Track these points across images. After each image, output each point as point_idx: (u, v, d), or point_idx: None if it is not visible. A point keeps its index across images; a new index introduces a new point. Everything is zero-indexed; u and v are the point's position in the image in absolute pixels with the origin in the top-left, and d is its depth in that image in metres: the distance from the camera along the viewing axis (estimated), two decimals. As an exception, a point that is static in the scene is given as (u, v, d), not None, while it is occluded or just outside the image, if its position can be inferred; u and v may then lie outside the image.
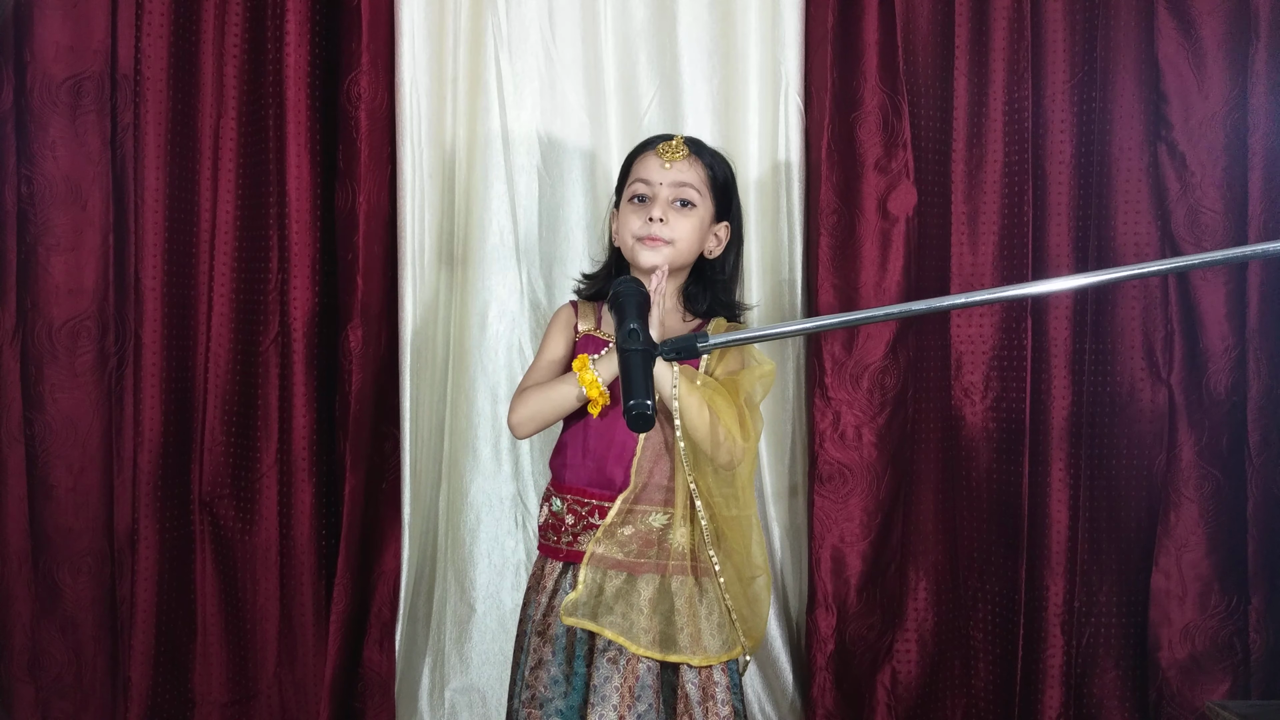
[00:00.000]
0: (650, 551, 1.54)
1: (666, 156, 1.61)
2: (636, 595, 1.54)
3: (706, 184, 1.62)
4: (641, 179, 1.61)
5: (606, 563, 1.55)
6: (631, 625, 1.52)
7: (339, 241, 1.93)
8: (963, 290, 1.94)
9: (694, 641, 1.53)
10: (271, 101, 1.91)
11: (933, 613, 1.99)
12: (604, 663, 1.54)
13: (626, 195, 1.63)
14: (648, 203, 1.60)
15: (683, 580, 1.55)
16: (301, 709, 1.95)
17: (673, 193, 1.60)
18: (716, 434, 1.52)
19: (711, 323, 1.64)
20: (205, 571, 1.98)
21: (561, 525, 1.59)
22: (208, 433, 1.95)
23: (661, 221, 1.57)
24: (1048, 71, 1.91)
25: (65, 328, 1.87)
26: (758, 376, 1.58)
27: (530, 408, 1.58)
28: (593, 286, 1.71)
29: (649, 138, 1.68)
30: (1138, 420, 1.89)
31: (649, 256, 1.58)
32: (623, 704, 1.52)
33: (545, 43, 2.06)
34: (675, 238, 1.59)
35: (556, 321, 1.69)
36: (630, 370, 1.27)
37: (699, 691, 1.54)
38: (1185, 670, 1.86)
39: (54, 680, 1.91)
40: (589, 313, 1.67)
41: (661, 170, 1.60)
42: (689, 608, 1.54)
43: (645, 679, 1.53)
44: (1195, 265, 1.33)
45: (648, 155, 1.63)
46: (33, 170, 1.85)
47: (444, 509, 2.09)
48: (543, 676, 1.57)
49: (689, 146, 1.62)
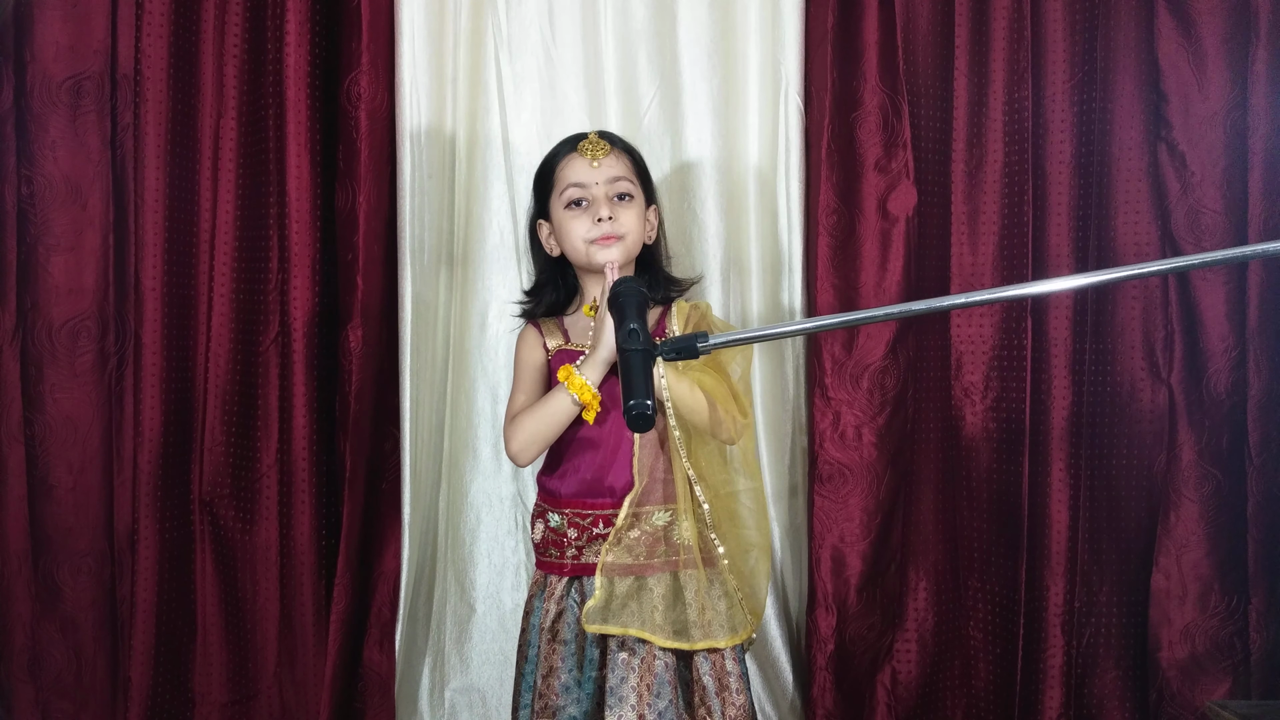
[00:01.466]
0: (659, 550, 1.55)
1: (591, 155, 1.60)
2: (649, 593, 1.55)
3: (634, 173, 1.64)
4: (574, 183, 1.61)
5: (618, 570, 1.55)
6: (650, 620, 1.54)
7: (339, 241, 1.93)
8: (963, 290, 1.94)
9: (706, 629, 1.54)
10: (271, 101, 1.91)
11: (933, 613, 1.99)
12: (619, 664, 1.54)
13: (561, 203, 1.62)
14: (588, 205, 1.60)
15: (691, 573, 1.56)
16: (301, 709, 1.95)
17: (610, 189, 1.60)
18: (716, 413, 1.52)
19: (674, 306, 1.65)
20: (205, 571, 1.98)
21: (564, 540, 1.59)
22: (208, 433, 1.95)
23: (610, 219, 1.58)
24: (1048, 71, 1.91)
25: (65, 328, 1.87)
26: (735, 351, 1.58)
27: (527, 431, 1.58)
28: (544, 305, 1.70)
29: (562, 141, 1.67)
30: (1138, 420, 1.88)
31: (605, 253, 1.58)
32: (641, 703, 1.52)
33: (545, 43, 2.06)
34: (625, 231, 1.59)
35: (524, 346, 1.69)
36: (630, 370, 1.26)
37: (715, 683, 1.55)
38: (1185, 670, 1.86)
39: (54, 680, 1.91)
40: (554, 329, 1.67)
41: (591, 170, 1.60)
42: (698, 598, 1.56)
43: (662, 675, 1.54)
44: (1195, 265, 1.32)
45: (571, 158, 1.62)
46: (33, 170, 1.85)
47: (444, 509, 2.09)
48: (554, 684, 1.57)
49: (609, 140, 1.63)
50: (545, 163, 1.67)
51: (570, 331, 1.67)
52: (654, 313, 1.66)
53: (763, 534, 1.65)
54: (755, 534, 1.63)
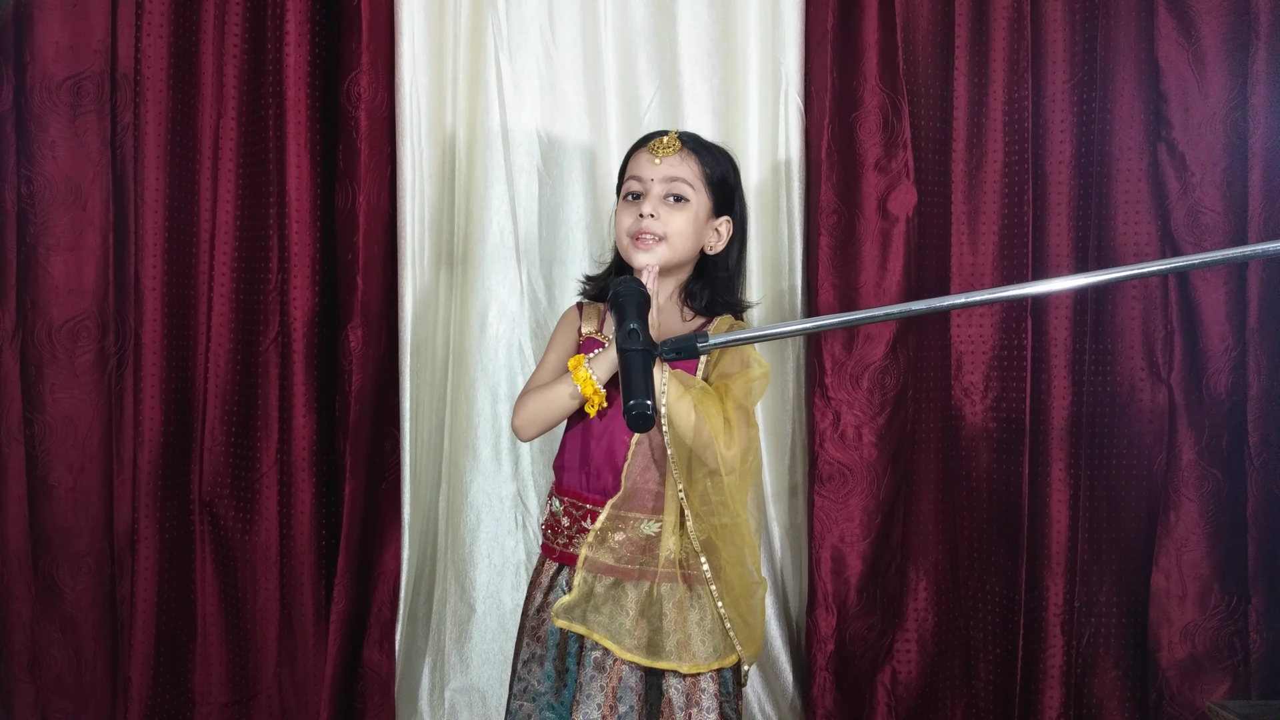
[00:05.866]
0: (641, 558, 1.53)
1: (657, 152, 1.59)
2: (625, 599, 1.53)
3: (700, 178, 1.59)
4: (634, 176, 1.60)
5: (599, 567, 1.54)
6: (618, 629, 1.51)
7: (339, 241, 1.93)
8: (963, 290, 1.94)
9: (681, 648, 1.51)
10: (271, 101, 1.91)
11: (933, 613, 1.99)
12: (589, 663, 1.54)
13: (622, 193, 1.62)
14: (640, 199, 1.59)
15: (672, 586, 1.53)
16: (301, 709, 1.95)
17: (664, 188, 1.57)
18: (699, 435, 1.50)
19: (714, 321, 1.61)
20: (205, 571, 1.98)
21: (559, 526, 1.59)
22: (208, 433, 1.95)
23: (652, 217, 1.56)
24: (1048, 71, 1.91)
25: (65, 328, 1.87)
26: (751, 380, 1.54)
27: (530, 409, 1.58)
28: (596, 287, 1.69)
29: (646, 134, 1.67)
30: (1138, 420, 1.89)
31: (640, 257, 1.56)
32: (606, 704, 1.52)
33: (545, 43, 2.06)
34: (668, 233, 1.56)
35: (562, 324, 1.68)
36: (630, 370, 1.26)
37: (683, 697, 1.52)
38: (1185, 670, 1.86)
39: (54, 680, 1.91)
40: (593, 315, 1.66)
41: (652, 166, 1.58)
42: (678, 614, 1.53)
43: (627, 681, 1.52)
44: (1195, 265, 1.32)
45: (640, 152, 1.62)
46: (33, 170, 1.85)
47: (444, 509, 2.09)
48: (535, 671, 1.58)
49: (682, 140, 1.60)
50: (627, 152, 1.66)
51: (608, 322, 1.66)
52: (693, 322, 1.61)
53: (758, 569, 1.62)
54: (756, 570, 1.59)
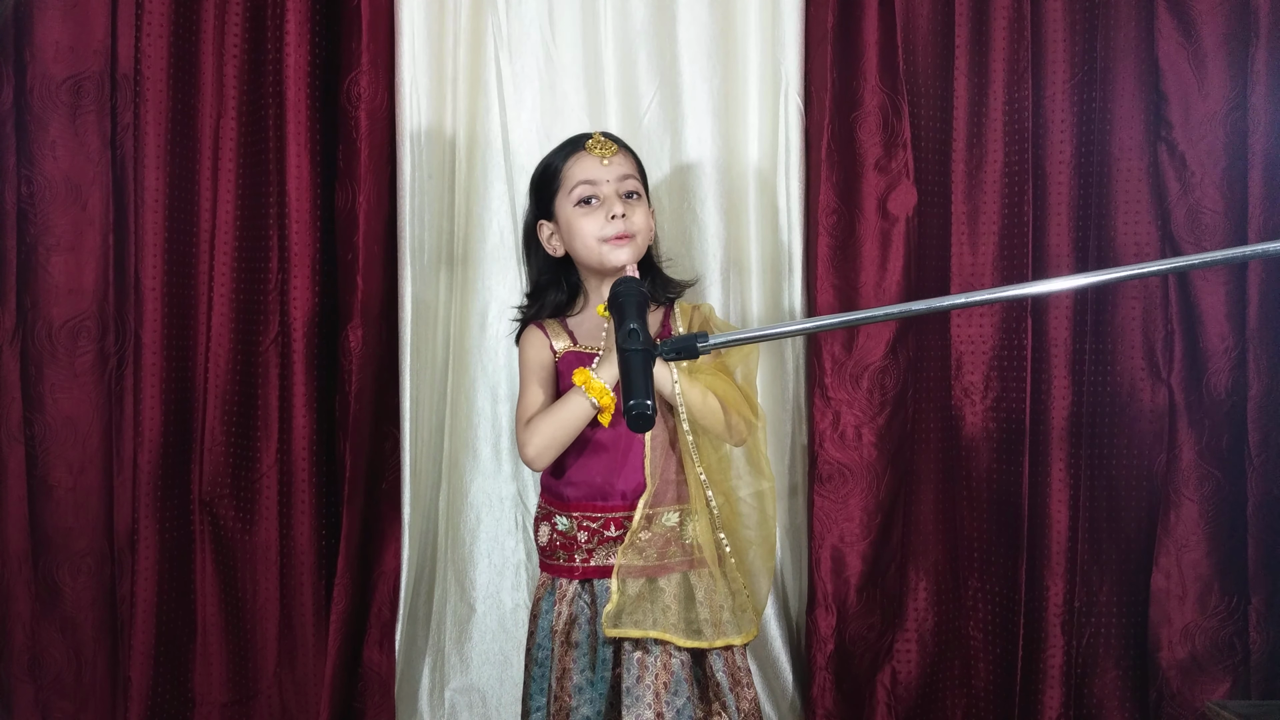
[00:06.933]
0: (669, 551, 1.55)
1: (600, 153, 1.60)
2: (661, 593, 1.55)
3: (639, 172, 1.64)
4: (584, 180, 1.60)
5: (633, 571, 1.55)
6: (666, 621, 1.54)
7: (339, 241, 1.93)
8: (963, 290, 1.94)
9: (720, 628, 1.56)
10: (271, 101, 1.91)
11: (933, 613, 1.99)
12: (634, 663, 1.54)
13: (570, 201, 1.61)
14: (599, 203, 1.59)
15: (702, 572, 1.57)
16: (301, 709, 1.94)
17: (620, 186, 1.60)
18: (730, 417, 1.53)
19: (676, 308, 1.65)
20: (205, 571, 1.98)
21: (574, 544, 1.59)
22: (208, 433, 1.95)
23: (624, 217, 1.57)
24: (1048, 71, 1.91)
25: (65, 328, 1.87)
26: (742, 354, 1.59)
27: (545, 435, 1.56)
28: (547, 305, 1.69)
29: (564, 142, 1.67)
30: (1138, 420, 1.88)
31: (619, 255, 1.58)
32: (658, 701, 1.53)
33: (545, 43, 2.06)
34: (637, 229, 1.59)
35: (530, 346, 1.66)
36: (631, 370, 1.26)
37: (729, 679, 1.57)
38: (1185, 670, 1.86)
39: (54, 680, 1.91)
40: (559, 331, 1.66)
41: (602, 167, 1.59)
42: (709, 597, 1.57)
43: (679, 673, 1.55)
44: (1195, 265, 1.32)
45: (580, 156, 1.62)
46: (33, 170, 1.85)
47: (444, 509, 2.09)
48: (567, 686, 1.58)
49: (612, 139, 1.63)
50: (548, 162, 1.67)
51: (577, 333, 1.66)
52: (656, 314, 1.65)
53: (766, 532, 1.65)
54: (755, 532, 1.64)
